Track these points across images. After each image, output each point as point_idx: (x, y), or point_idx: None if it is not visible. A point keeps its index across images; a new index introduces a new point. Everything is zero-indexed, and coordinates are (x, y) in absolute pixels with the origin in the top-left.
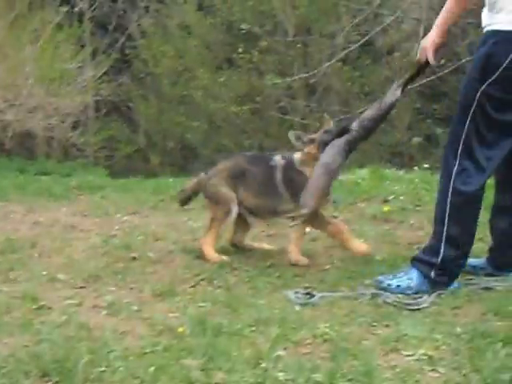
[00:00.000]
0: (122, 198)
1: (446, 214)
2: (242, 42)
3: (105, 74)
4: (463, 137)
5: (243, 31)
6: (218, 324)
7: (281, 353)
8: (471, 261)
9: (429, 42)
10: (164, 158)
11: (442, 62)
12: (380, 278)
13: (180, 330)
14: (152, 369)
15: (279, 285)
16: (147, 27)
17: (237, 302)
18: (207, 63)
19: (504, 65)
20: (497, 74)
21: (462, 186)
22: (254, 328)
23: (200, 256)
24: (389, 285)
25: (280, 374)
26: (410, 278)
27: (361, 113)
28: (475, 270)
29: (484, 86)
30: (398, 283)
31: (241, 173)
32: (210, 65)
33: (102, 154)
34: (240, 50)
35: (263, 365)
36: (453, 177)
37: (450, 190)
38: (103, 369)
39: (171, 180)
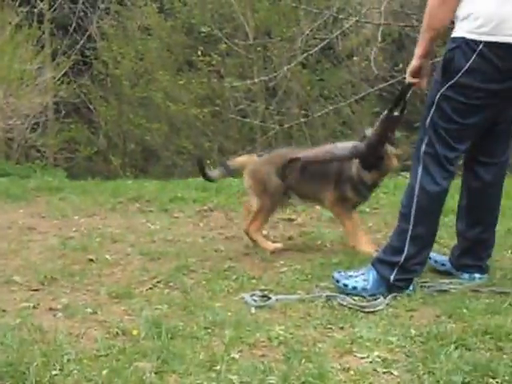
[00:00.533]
0: (80, 199)
1: (412, 214)
2: (202, 44)
3: (64, 75)
4: (426, 138)
5: (203, 34)
6: (174, 327)
7: (235, 355)
8: (434, 255)
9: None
10: (125, 160)
11: (401, 66)
12: (336, 275)
13: (135, 332)
14: (105, 372)
15: (236, 287)
16: (107, 29)
17: (193, 304)
18: (167, 65)
19: (463, 70)
20: (455, 79)
21: (428, 186)
22: (209, 331)
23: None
24: (345, 285)
25: (234, 376)
26: (366, 279)
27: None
28: (436, 265)
29: (443, 89)
30: (354, 284)
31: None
32: (170, 67)
33: (61, 155)
34: (200, 52)
35: (217, 368)
36: (419, 176)
37: (416, 189)
38: (56, 372)
39: (130, 182)
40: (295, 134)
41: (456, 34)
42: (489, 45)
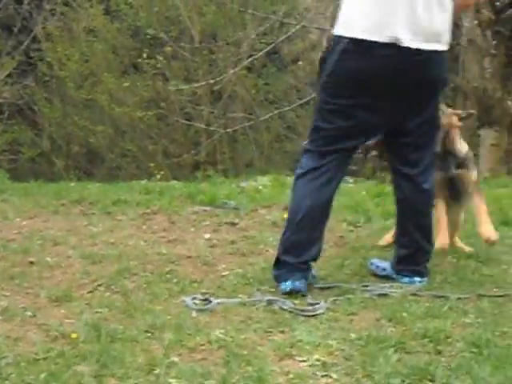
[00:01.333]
0: (22, 201)
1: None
2: (148, 47)
3: (8, 76)
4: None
5: (149, 36)
6: (113, 330)
7: (175, 359)
8: (375, 260)
9: None
10: (68, 162)
11: None
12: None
13: (74, 336)
14: (43, 375)
15: (177, 291)
16: (53, 30)
17: (133, 307)
18: (113, 67)
19: (327, 71)
20: (325, 79)
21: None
22: (149, 334)
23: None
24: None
25: (173, 380)
26: None
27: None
28: (377, 270)
29: (319, 90)
30: None
31: None
32: (115, 69)
33: (4, 157)
34: (145, 55)
35: (157, 371)
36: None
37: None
38: None
39: (73, 184)
40: (240, 137)
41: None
42: (351, 41)
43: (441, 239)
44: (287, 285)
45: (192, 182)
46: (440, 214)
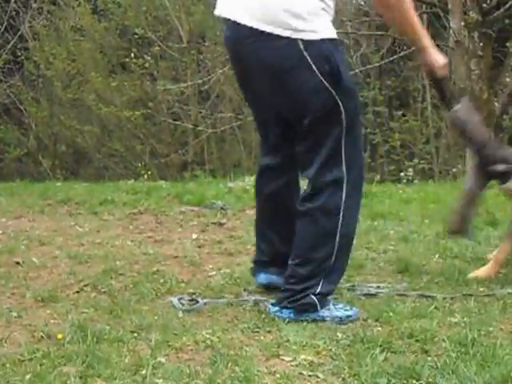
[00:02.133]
0: (7, 201)
1: None
2: (136, 46)
3: None
4: None
5: (137, 36)
6: (99, 330)
7: (161, 359)
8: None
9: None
10: (55, 162)
11: None
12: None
13: (60, 336)
14: (29, 376)
15: (164, 291)
16: (40, 29)
17: (120, 308)
18: (100, 67)
19: None
20: None
21: None
22: (135, 334)
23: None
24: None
25: (159, 380)
26: None
27: None
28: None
29: None
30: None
31: None
32: (102, 69)
33: None
34: (133, 54)
35: (143, 372)
36: None
37: None
38: None
39: (59, 184)
40: (228, 137)
41: None
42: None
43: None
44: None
45: (179, 182)
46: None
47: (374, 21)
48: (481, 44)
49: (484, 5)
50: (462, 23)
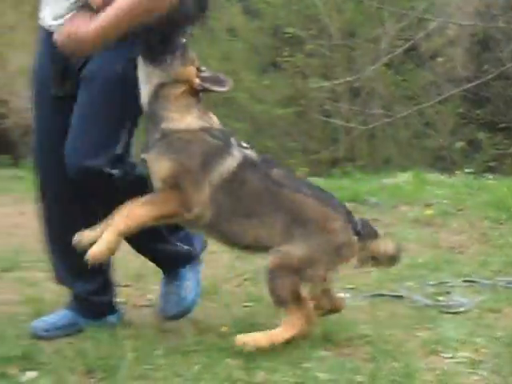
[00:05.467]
0: None
1: None
2: (287, 45)
3: None
4: None
5: (288, 35)
6: (261, 324)
7: (323, 353)
8: None
9: None
10: None
11: (485, 67)
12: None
13: (223, 329)
14: (196, 367)
15: None
16: (194, 30)
17: None
18: (252, 66)
19: None
20: None
21: None
22: None
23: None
24: None
25: (322, 374)
26: None
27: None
28: None
29: None
30: None
31: None
32: (255, 68)
33: None
34: (285, 53)
35: (305, 365)
36: None
37: None
38: (147, 366)
39: None
40: (378, 134)
41: None
42: None
43: None
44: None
45: (332, 179)
46: None
47: None
48: None
49: None
50: None
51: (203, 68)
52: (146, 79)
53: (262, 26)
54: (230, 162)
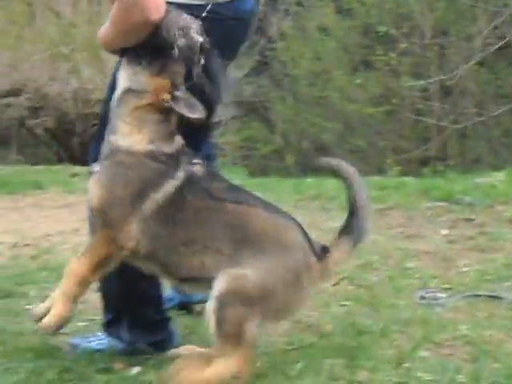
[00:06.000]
0: (264, 195)
1: None
2: (379, 44)
3: (246, 75)
4: None
5: (380, 33)
6: (361, 323)
7: (423, 353)
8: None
9: None
10: (297, 158)
11: None
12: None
13: (326, 327)
14: (299, 365)
15: (419, 286)
16: (287, 29)
17: (378, 301)
18: (344, 65)
19: None
20: None
21: None
22: (395, 328)
23: None
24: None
25: (424, 374)
26: None
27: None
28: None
29: None
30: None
31: None
32: (346, 67)
33: (240, 153)
34: (378, 52)
35: (406, 365)
36: None
37: None
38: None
39: (310, 180)
40: (470, 133)
41: None
42: None
43: None
44: None
45: (425, 178)
46: None
47: None
48: None
49: None
50: None
51: (182, 87)
52: (120, 79)
53: (353, 24)
54: (168, 188)
